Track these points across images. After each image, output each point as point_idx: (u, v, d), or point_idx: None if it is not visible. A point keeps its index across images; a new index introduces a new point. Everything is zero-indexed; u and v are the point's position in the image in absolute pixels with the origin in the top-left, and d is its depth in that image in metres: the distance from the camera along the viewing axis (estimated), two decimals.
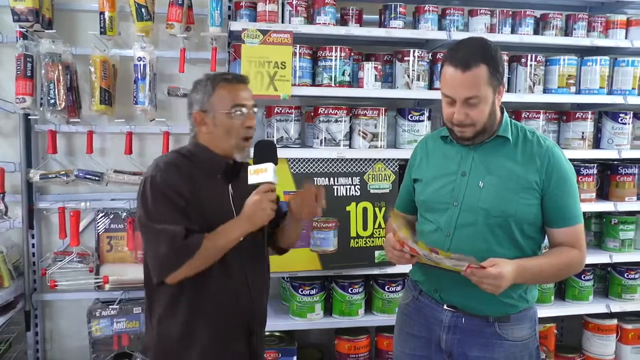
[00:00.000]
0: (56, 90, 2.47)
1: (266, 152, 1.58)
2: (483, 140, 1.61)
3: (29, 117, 2.57)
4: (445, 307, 1.65)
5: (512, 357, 1.61)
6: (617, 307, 2.87)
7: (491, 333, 1.60)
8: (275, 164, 1.56)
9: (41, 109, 2.52)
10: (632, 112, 2.87)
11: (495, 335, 1.60)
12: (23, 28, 2.45)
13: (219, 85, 1.59)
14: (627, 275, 2.90)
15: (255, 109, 1.64)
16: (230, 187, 1.63)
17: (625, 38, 2.86)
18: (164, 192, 1.50)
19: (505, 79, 1.61)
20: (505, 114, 1.64)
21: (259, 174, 1.53)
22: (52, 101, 2.47)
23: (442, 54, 2.64)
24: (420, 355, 1.71)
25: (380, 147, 2.59)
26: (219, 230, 1.52)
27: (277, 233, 1.78)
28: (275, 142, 1.67)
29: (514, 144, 1.61)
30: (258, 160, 1.56)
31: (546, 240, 1.68)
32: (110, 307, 2.63)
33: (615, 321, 2.93)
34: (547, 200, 1.57)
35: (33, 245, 2.69)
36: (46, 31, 2.49)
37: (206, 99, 1.58)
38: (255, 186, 1.53)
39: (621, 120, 2.83)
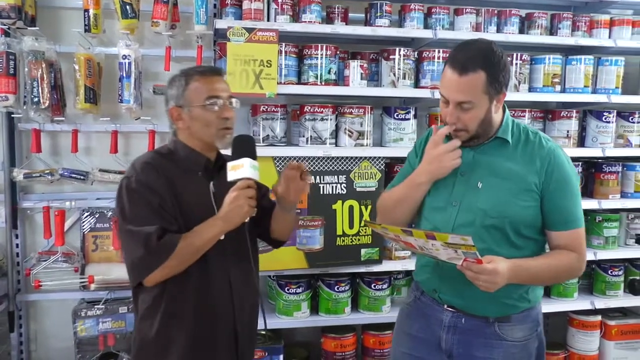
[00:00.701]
0: (40, 88, 2.44)
1: (242, 147, 1.53)
2: (480, 143, 1.59)
3: (12, 115, 2.55)
4: (445, 307, 1.64)
5: (511, 357, 1.59)
6: (601, 303, 2.90)
7: (491, 333, 1.59)
8: (254, 158, 1.50)
9: (25, 107, 2.49)
10: (615, 111, 2.90)
11: (494, 335, 1.59)
12: (5, 25, 2.42)
13: (193, 79, 1.56)
14: (611, 272, 2.94)
15: (234, 101, 1.60)
16: (212, 184, 1.59)
17: (609, 37, 2.88)
18: (138, 193, 1.48)
19: (508, 85, 1.56)
20: (507, 113, 1.61)
21: (237, 170, 1.48)
22: (36, 99, 2.45)
23: (427, 53, 2.65)
24: (418, 357, 1.69)
25: (366, 145, 2.59)
26: (196, 229, 1.49)
27: (270, 225, 1.73)
28: (252, 136, 1.60)
29: (514, 144, 1.58)
30: (235, 155, 1.51)
31: None
32: (96, 307, 2.61)
33: (599, 317, 2.96)
34: (546, 202, 1.55)
35: (17, 245, 2.67)
36: (29, 28, 2.46)
37: (181, 93, 1.56)
38: (234, 183, 1.49)
39: (605, 118, 2.86)
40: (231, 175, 1.49)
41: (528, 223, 1.56)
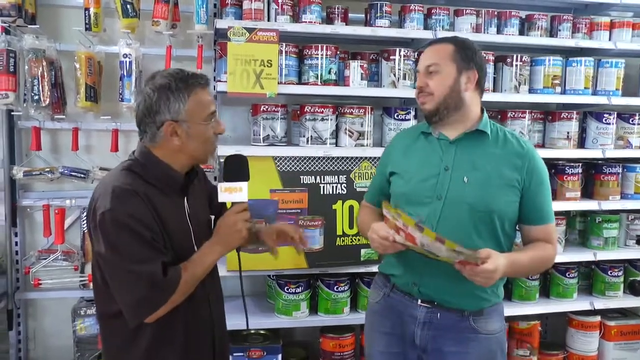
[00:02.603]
0: (40, 86, 2.44)
1: (239, 170, 1.48)
2: (459, 132, 1.64)
3: (12, 113, 2.55)
4: (419, 302, 1.66)
5: (485, 350, 1.64)
6: (600, 304, 2.90)
7: (465, 327, 1.63)
8: (248, 180, 1.47)
9: (25, 105, 2.49)
10: (615, 113, 2.90)
11: (469, 329, 1.63)
12: (5, 23, 2.42)
13: (194, 92, 1.41)
14: (611, 273, 2.94)
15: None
16: (186, 202, 1.51)
17: (609, 40, 2.89)
18: (127, 226, 1.34)
19: (483, 74, 1.66)
20: (485, 113, 1.71)
21: (233, 193, 1.43)
22: (36, 97, 2.45)
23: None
24: (394, 353, 1.72)
25: (367, 145, 2.59)
26: (194, 258, 1.43)
27: None
28: (245, 157, 1.53)
29: (493, 141, 1.65)
30: (230, 177, 1.45)
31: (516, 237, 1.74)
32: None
33: (598, 318, 2.97)
34: (526, 199, 1.63)
35: (16, 243, 2.66)
36: (29, 26, 2.46)
37: (181, 107, 1.39)
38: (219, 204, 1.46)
39: (605, 120, 2.87)
40: (225, 197, 1.44)
41: (510, 218, 1.64)
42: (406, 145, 1.78)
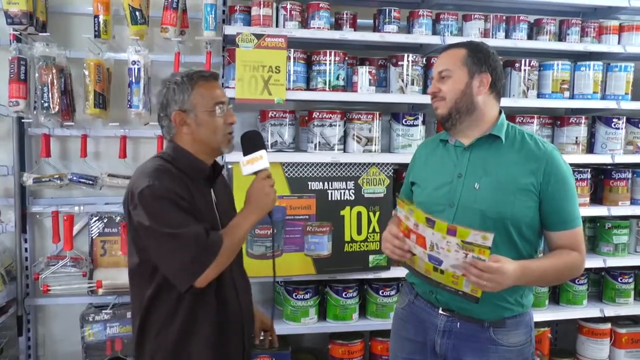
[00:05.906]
0: (50, 93, 2.46)
1: (255, 141, 1.61)
2: (474, 137, 1.63)
3: (23, 120, 2.57)
4: (440, 310, 1.65)
5: None
6: (611, 311, 2.87)
7: (486, 338, 1.60)
8: (266, 149, 1.61)
9: (35, 112, 2.51)
10: (625, 117, 2.88)
11: (490, 340, 1.60)
12: (17, 31, 2.45)
13: (197, 84, 1.56)
14: (621, 280, 2.91)
15: (230, 105, 1.66)
16: (212, 192, 1.63)
17: (618, 43, 2.87)
18: (167, 197, 1.46)
19: (497, 77, 1.65)
20: (503, 116, 1.68)
21: (255, 162, 1.57)
22: (46, 104, 2.46)
23: (436, 59, 2.64)
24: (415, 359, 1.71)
25: (375, 151, 2.59)
26: (232, 224, 1.54)
27: None
28: (258, 130, 1.70)
29: (509, 145, 1.62)
30: (248, 151, 1.60)
31: (541, 244, 1.69)
32: (104, 311, 2.61)
33: (609, 325, 2.93)
34: (545, 204, 1.57)
35: (26, 250, 2.67)
36: (40, 34, 2.48)
37: (186, 98, 1.54)
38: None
39: (614, 125, 2.85)
40: (249, 169, 1.58)
41: (528, 223, 1.58)
42: (426, 155, 1.79)
